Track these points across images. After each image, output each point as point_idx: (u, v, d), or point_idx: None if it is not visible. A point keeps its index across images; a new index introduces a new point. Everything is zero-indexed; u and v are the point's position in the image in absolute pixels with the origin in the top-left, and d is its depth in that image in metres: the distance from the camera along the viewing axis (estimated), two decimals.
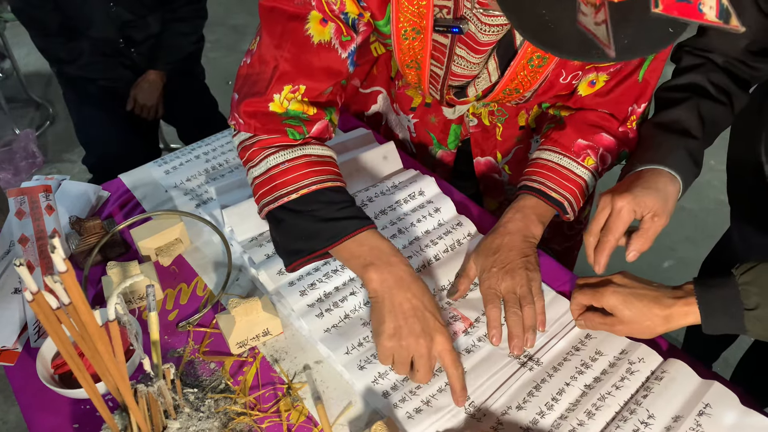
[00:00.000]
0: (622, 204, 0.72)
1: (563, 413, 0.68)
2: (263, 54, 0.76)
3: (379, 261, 0.71)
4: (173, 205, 0.96)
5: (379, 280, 0.71)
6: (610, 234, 0.74)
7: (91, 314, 0.46)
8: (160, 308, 0.82)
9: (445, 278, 0.84)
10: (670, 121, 0.82)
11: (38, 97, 2.87)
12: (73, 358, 0.50)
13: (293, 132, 0.76)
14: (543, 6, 0.50)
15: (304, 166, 0.75)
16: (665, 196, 0.73)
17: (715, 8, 0.41)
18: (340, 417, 0.69)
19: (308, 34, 0.73)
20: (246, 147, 0.78)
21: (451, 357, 0.68)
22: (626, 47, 0.48)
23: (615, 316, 0.72)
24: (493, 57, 0.80)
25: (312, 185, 0.74)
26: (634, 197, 0.72)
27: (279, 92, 0.74)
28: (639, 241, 0.74)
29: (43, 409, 0.70)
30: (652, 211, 0.73)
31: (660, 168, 0.76)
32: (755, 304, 0.64)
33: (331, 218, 0.73)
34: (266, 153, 0.76)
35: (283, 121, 0.75)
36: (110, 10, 1.67)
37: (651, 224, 0.73)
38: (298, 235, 0.75)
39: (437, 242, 0.88)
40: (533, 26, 0.52)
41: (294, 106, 0.75)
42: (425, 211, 0.92)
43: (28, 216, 0.88)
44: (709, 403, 0.67)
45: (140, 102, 1.80)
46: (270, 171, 0.75)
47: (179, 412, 0.64)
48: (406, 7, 0.75)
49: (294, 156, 0.75)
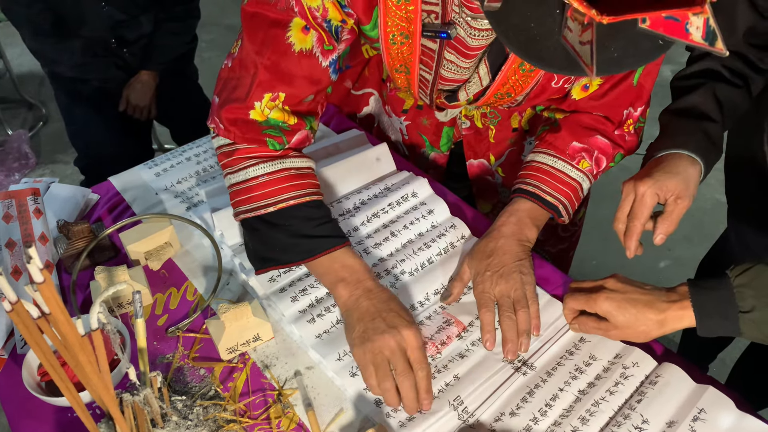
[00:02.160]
0: (644, 189, 0.75)
1: (557, 419, 0.67)
2: (243, 58, 0.75)
3: (349, 278, 0.74)
4: (163, 208, 0.95)
5: (347, 295, 0.73)
6: (635, 219, 0.76)
7: (72, 324, 0.45)
8: (149, 313, 0.81)
9: (438, 282, 0.83)
10: (687, 107, 0.84)
11: (31, 98, 2.85)
12: (55, 368, 0.49)
13: (273, 142, 0.76)
14: (531, 19, 0.49)
15: (283, 180, 0.75)
16: (686, 179, 0.76)
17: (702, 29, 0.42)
18: (331, 424, 0.68)
19: (290, 41, 0.73)
20: (225, 153, 0.78)
21: (417, 354, 0.68)
22: (614, 60, 0.47)
23: (609, 322, 0.71)
24: (483, 61, 0.79)
25: (290, 200, 0.75)
26: (656, 182, 0.75)
27: (259, 100, 0.74)
28: (665, 224, 0.76)
29: (29, 417, 0.69)
30: (675, 193, 0.75)
31: (680, 152, 0.78)
32: (750, 306, 0.64)
33: (307, 235, 0.75)
34: (246, 164, 0.76)
35: (264, 131, 0.75)
36: (102, 10, 1.66)
37: (675, 207, 0.75)
38: (273, 246, 0.76)
39: (430, 245, 0.87)
40: (519, 39, 0.51)
41: (275, 115, 0.75)
42: (418, 213, 0.91)
43: (15, 220, 0.87)
44: (704, 408, 0.66)
45: (133, 102, 1.79)
46: (249, 182, 0.75)
47: (167, 420, 0.63)
48: (394, 12, 0.74)
49: (274, 169, 0.75)
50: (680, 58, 1.00)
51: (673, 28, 0.42)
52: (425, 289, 0.82)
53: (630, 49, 0.48)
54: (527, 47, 0.51)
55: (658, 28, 0.42)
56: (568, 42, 0.47)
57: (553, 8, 0.47)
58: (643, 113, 0.86)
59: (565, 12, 0.46)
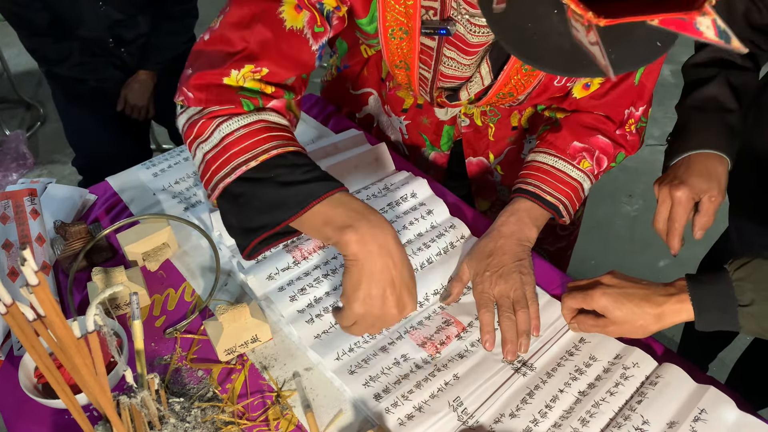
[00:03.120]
0: (680, 195, 0.80)
1: (557, 421, 0.66)
2: (226, 33, 0.69)
3: (358, 222, 0.63)
4: (161, 209, 0.95)
5: (359, 243, 0.62)
6: (677, 222, 0.82)
7: (67, 327, 0.45)
8: (147, 314, 0.80)
9: (437, 282, 0.82)
10: (705, 99, 0.88)
11: (29, 98, 2.84)
12: (51, 371, 0.48)
13: (248, 103, 0.67)
14: (529, 20, 0.49)
15: (263, 131, 0.66)
16: (717, 178, 0.82)
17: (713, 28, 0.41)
18: (330, 425, 0.67)
19: (282, 17, 0.69)
20: (194, 122, 0.68)
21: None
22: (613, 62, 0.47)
23: (607, 318, 0.71)
24: (485, 61, 0.79)
25: (272, 149, 0.65)
26: (690, 187, 0.80)
27: (238, 69, 0.67)
28: (702, 220, 0.82)
29: (25, 419, 0.69)
30: (708, 193, 0.81)
31: (707, 152, 0.83)
32: (749, 300, 0.63)
33: (297, 181, 0.64)
34: (218, 121, 0.67)
35: (238, 92, 0.68)
36: (99, 10, 1.65)
37: (709, 204, 0.81)
38: (259, 207, 0.65)
39: (430, 245, 0.86)
40: (516, 38, 0.51)
41: (250, 84, 0.68)
42: (418, 213, 0.90)
43: (12, 220, 0.86)
44: (705, 408, 0.66)
45: (131, 102, 1.78)
46: (224, 140, 0.66)
47: (164, 422, 0.63)
48: (393, 6, 0.73)
49: (250, 121, 0.66)
50: (680, 57, 0.99)
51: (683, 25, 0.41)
52: (424, 289, 0.81)
53: (629, 50, 0.47)
54: (524, 47, 0.51)
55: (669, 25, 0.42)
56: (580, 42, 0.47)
57: (551, 9, 0.47)
58: (645, 113, 0.86)
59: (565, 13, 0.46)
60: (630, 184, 2.28)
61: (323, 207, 0.64)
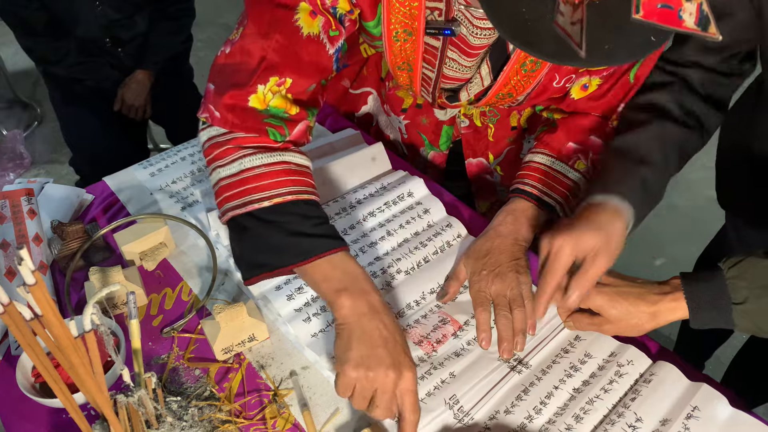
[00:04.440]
0: (560, 243, 0.68)
1: (551, 417, 0.67)
2: (247, 44, 0.70)
3: (352, 287, 0.66)
4: (158, 208, 0.95)
5: (351, 308, 0.65)
6: (548, 276, 0.69)
7: (65, 327, 0.45)
8: (144, 314, 0.80)
9: (434, 281, 0.83)
10: (628, 147, 0.76)
11: (25, 98, 2.83)
12: (49, 370, 0.49)
13: (274, 132, 0.71)
14: (523, 4, 0.49)
15: (282, 173, 0.70)
16: (608, 234, 0.68)
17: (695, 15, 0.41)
18: (327, 424, 0.68)
19: (298, 24, 0.69)
20: (217, 144, 0.71)
21: (412, 399, 0.63)
22: (605, 53, 0.47)
23: (602, 316, 0.71)
24: (485, 62, 0.79)
25: (288, 195, 0.69)
26: (573, 237, 0.68)
27: (264, 83, 0.69)
28: (578, 282, 0.68)
29: (23, 419, 0.69)
30: (594, 250, 0.68)
31: (607, 201, 0.70)
32: (743, 297, 0.64)
33: (304, 233, 0.68)
34: (242, 153, 0.70)
35: (264, 120, 0.70)
36: (96, 9, 1.65)
37: (591, 265, 0.68)
38: (265, 247, 0.69)
39: (426, 244, 0.87)
40: (511, 24, 0.51)
41: (276, 102, 0.70)
42: (414, 212, 0.91)
43: (9, 220, 0.86)
44: (698, 405, 0.66)
45: (128, 102, 1.78)
46: (243, 173, 0.69)
47: (161, 421, 0.63)
48: (398, 8, 0.74)
49: (272, 161, 0.70)
50: None
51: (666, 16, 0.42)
52: (421, 287, 0.82)
53: (622, 41, 0.47)
54: (517, 32, 0.51)
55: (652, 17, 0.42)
56: (559, 26, 0.47)
57: None
58: None
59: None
60: None
61: (323, 264, 0.67)
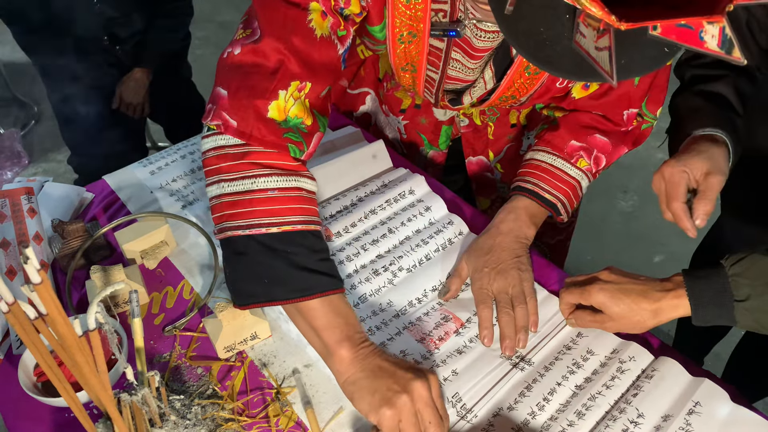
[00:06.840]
0: (669, 170, 0.74)
1: (553, 414, 0.67)
2: (261, 46, 0.67)
3: (354, 337, 0.65)
4: (158, 207, 0.95)
5: (350, 360, 0.64)
6: (673, 201, 0.73)
7: (69, 325, 0.45)
8: (145, 312, 0.80)
9: (436, 278, 0.83)
10: (714, 94, 0.83)
11: (23, 96, 2.82)
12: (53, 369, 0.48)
13: (294, 149, 0.68)
14: (541, 24, 0.48)
15: (295, 200, 0.66)
16: (711, 155, 0.74)
17: (717, 37, 0.40)
18: (330, 422, 0.68)
19: (311, 26, 0.67)
20: (228, 156, 0.67)
21: (430, 413, 0.61)
22: (622, 67, 0.46)
23: (604, 313, 0.72)
24: (489, 65, 0.79)
25: (297, 224, 0.65)
26: (681, 162, 0.74)
27: (285, 88, 0.66)
28: (701, 203, 0.73)
29: (25, 418, 0.69)
30: (702, 170, 0.73)
31: (707, 133, 0.77)
32: (746, 295, 0.64)
33: (307, 268, 0.65)
34: (256, 172, 0.66)
35: (284, 134, 0.67)
36: (94, 8, 1.64)
37: (707, 184, 0.73)
38: (261, 275, 0.65)
39: (428, 241, 0.87)
40: (529, 43, 0.50)
41: (295, 111, 0.67)
42: (415, 210, 0.91)
43: (9, 219, 0.86)
44: (699, 401, 0.66)
45: (126, 100, 1.78)
46: (254, 193, 0.65)
47: (165, 420, 0.63)
48: (403, 11, 0.74)
49: (287, 186, 0.66)
50: None
51: (686, 35, 0.41)
52: (423, 285, 0.82)
53: (637, 55, 0.47)
54: (537, 52, 0.50)
55: (670, 35, 0.41)
56: (582, 48, 0.46)
57: (563, 13, 0.47)
58: (653, 110, 0.85)
59: (576, 17, 0.45)
60: (625, 179, 2.29)
61: (318, 305, 0.65)
